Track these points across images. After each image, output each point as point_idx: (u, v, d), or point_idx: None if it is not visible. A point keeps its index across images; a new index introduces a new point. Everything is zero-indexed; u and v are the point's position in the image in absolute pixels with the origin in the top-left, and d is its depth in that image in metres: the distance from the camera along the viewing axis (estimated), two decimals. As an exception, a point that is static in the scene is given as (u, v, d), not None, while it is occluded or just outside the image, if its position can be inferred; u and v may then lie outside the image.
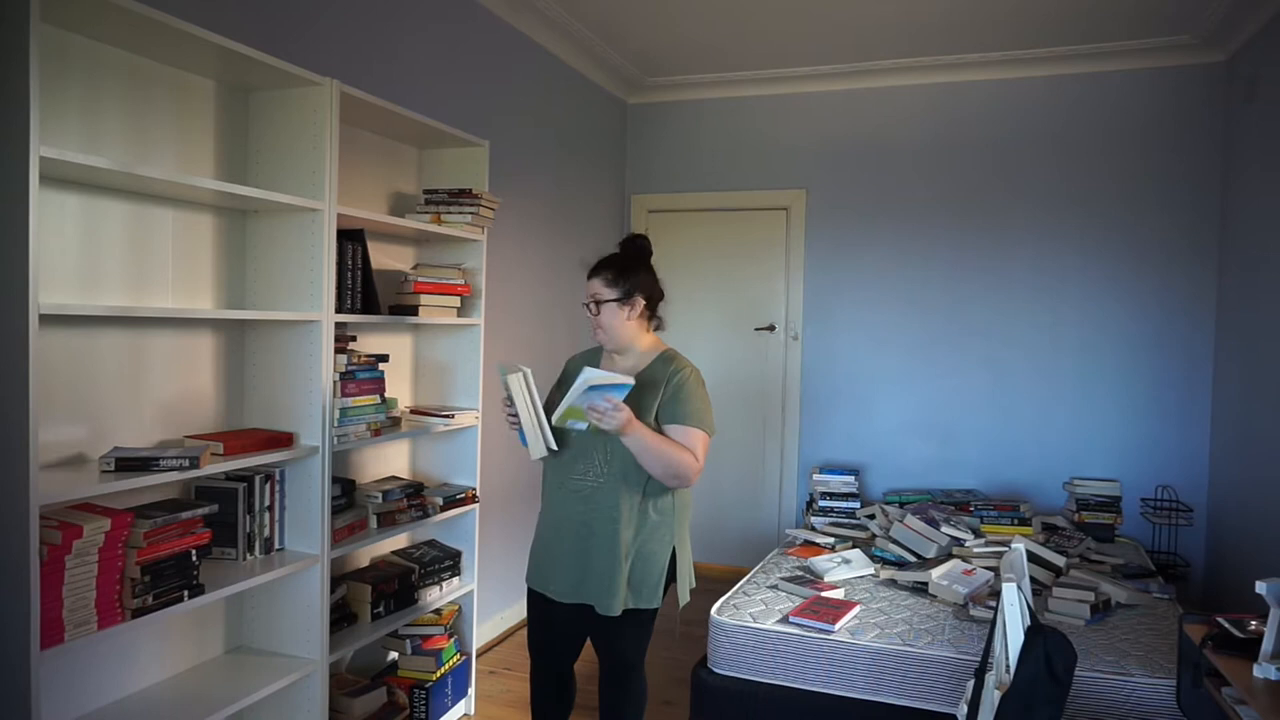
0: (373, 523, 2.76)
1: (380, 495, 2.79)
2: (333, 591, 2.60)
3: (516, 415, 2.26)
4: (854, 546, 3.83)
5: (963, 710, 2.15)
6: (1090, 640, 2.76)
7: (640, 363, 2.39)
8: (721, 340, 5.22)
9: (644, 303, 2.37)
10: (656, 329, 2.51)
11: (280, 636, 2.52)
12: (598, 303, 2.36)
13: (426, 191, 3.11)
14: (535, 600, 2.47)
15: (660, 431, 2.28)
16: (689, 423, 2.29)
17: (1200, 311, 4.37)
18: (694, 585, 2.52)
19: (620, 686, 2.43)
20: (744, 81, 5.06)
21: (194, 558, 2.07)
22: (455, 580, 3.16)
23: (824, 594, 3.14)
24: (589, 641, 2.46)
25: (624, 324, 2.36)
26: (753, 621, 2.92)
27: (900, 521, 3.79)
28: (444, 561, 3.10)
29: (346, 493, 2.75)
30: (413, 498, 2.91)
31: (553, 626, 2.45)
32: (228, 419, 2.52)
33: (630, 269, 2.37)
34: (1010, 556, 2.09)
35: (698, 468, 2.26)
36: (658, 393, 2.31)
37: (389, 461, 3.18)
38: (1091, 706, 2.53)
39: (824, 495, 4.47)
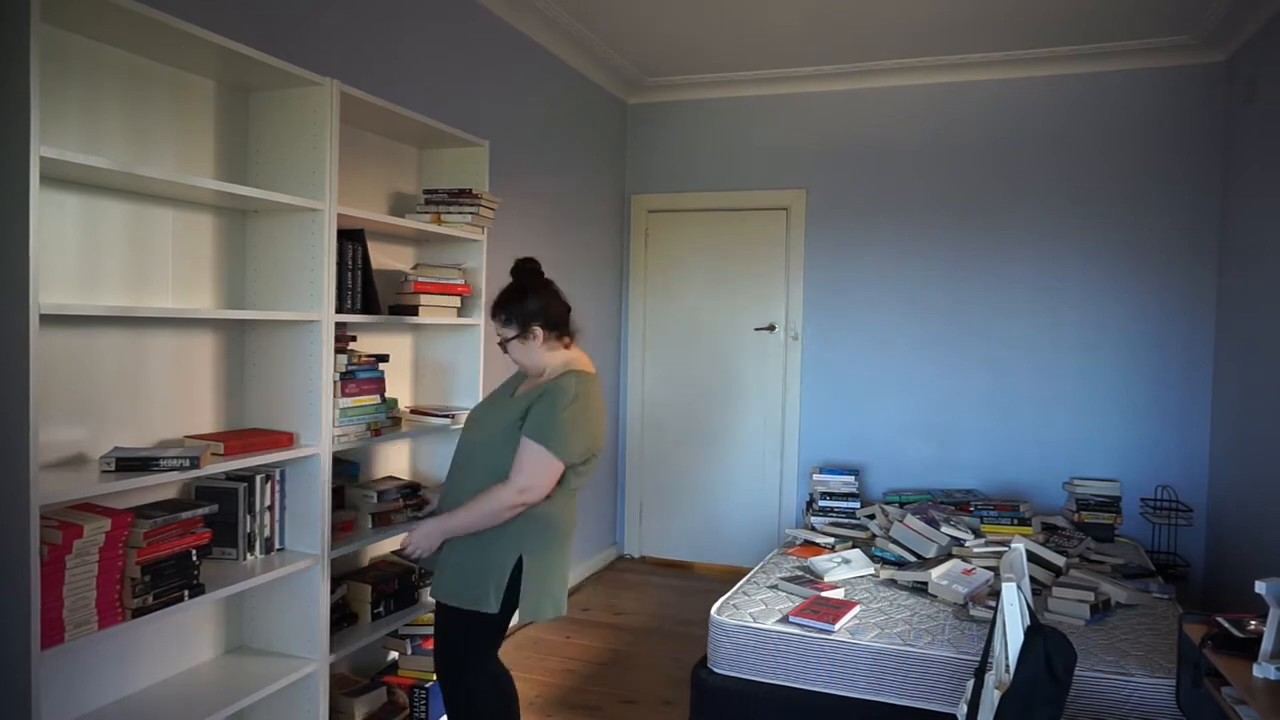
0: (367, 522, 2.76)
1: (375, 495, 2.79)
2: (333, 591, 2.60)
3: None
4: (854, 546, 3.83)
5: (963, 710, 2.16)
6: (1090, 640, 2.76)
7: (548, 377, 2.41)
8: (721, 340, 5.22)
9: (542, 330, 2.40)
10: (568, 345, 2.49)
11: (280, 636, 2.52)
12: (502, 343, 2.42)
13: (426, 191, 3.11)
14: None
15: None
16: (528, 434, 2.27)
17: (1200, 311, 4.37)
18: (558, 612, 2.41)
19: (443, 686, 2.43)
20: (744, 81, 5.06)
21: (194, 558, 2.07)
22: (455, 580, 3.15)
23: (824, 594, 3.14)
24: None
25: (532, 353, 2.41)
26: (753, 621, 2.92)
27: (900, 521, 3.79)
28: (444, 561, 3.10)
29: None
30: (409, 498, 2.91)
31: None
32: (228, 419, 2.52)
33: (518, 301, 2.40)
34: (1010, 556, 2.09)
35: (517, 488, 2.23)
36: (531, 403, 2.32)
37: (389, 461, 3.18)
38: (1091, 706, 2.53)
39: (824, 495, 4.47)
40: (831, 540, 3.92)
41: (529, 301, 2.40)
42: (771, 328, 5.13)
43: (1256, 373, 3.76)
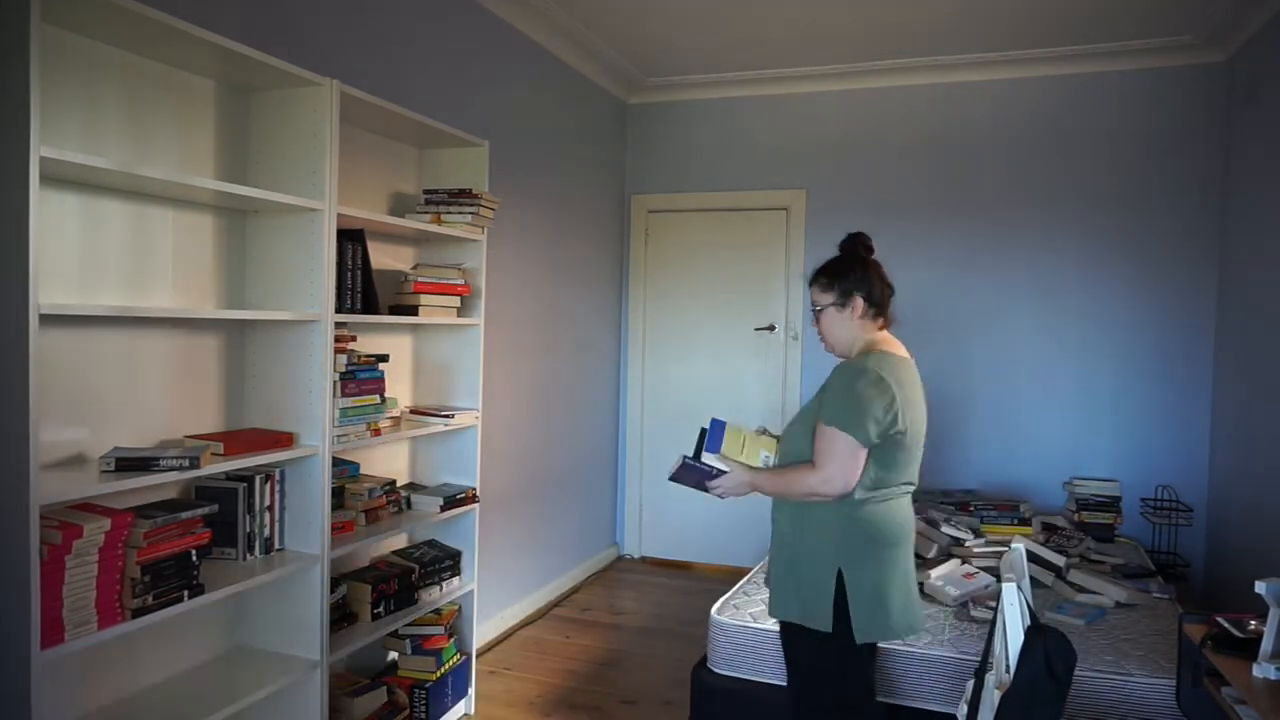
0: (361, 520, 2.77)
1: (365, 493, 2.81)
2: (333, 591, 2.60)
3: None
4: (854, 546, 3.82)
5: (963, 710, 2.15)
6: (1090, 640, 2.76)
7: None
8: (721, 340, 5.22)
9: (862, 303, 2.26)
10: (883, 328, 2.34)
11: (280, 636, 2.52)
12: (817, 311, 2.31)
13: (426, 191, 3.11)
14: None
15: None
16: (824, 420, 2.11)
17: (1200, 311, 4.37)
18: (910, 631, 2.20)
19: (794, 703, 2.28)
20: (744, 82, 5.06)
21: (194, 558, 2.07)
22: (455, 580, 3.16)
23: (824, 594, 3.13)
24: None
25: (845, 326, 2.28)
26: (753, 621, 2.92)
27: (900, 521, 3.78)
28: (444, 561, 3.10)
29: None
30: (390, 494, 2.92)
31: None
32: (228, 419, 2.52)
33: (844, 269, 2.31)
34: (1010, 556, 2.09)
35: (819, 479, 2.08)
36: (825, 389, 2.22)
37: (389, 462, 3.18)
38: (1091, 706, 2.53)
39: (824, 495, 4.47)
40: (831, 540, 3.91)
41: (855, 272, 2.30)
42: (771, 328, 5.13)
43: (1257, 372, 3.76)
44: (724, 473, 2.22)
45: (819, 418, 2.13)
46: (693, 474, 2.25)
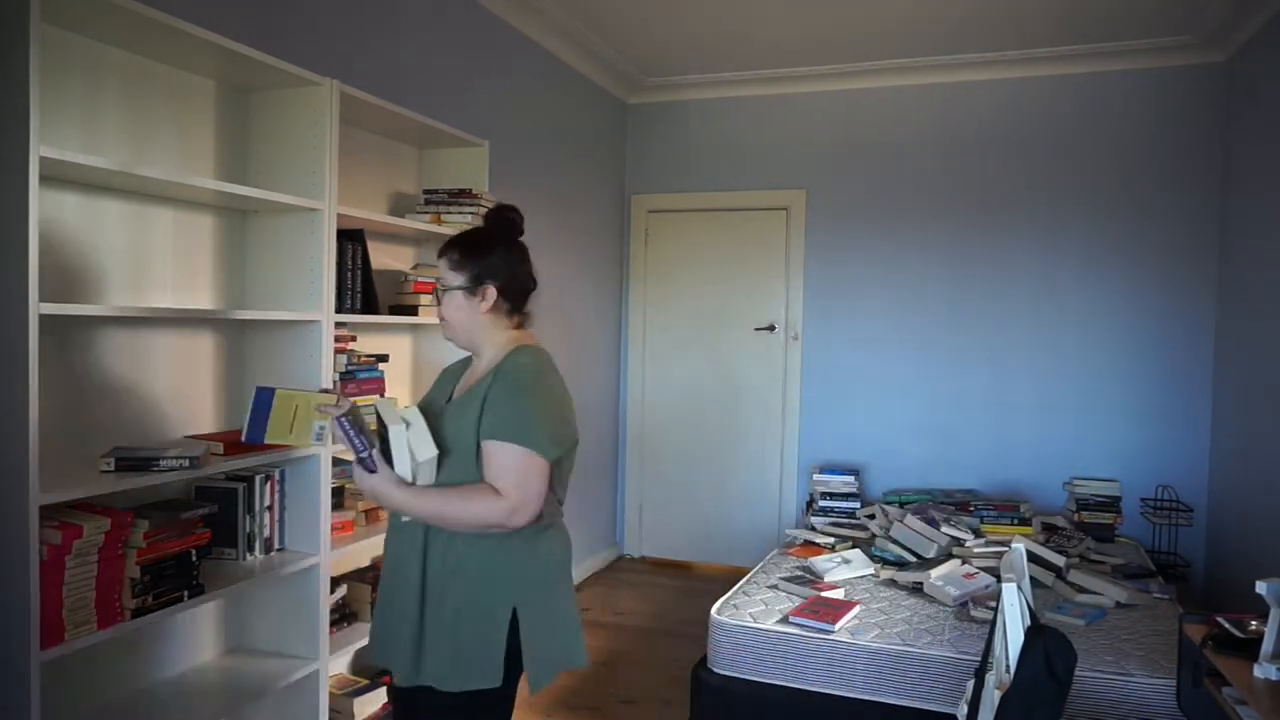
0: (361, 521, 2.77)
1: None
2: (332, 591, 2.60)
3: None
4: (854, 546, 3.83)
5: (963, 710, 2.15)
6: (1090, 640, 2.76)
7: (491, 363, 1.83)
8: (721, 340, 5.22)
9: (496, 292, 1.82)
10: (518, 326, 1.91)
11: (280, 636, 2.52)
12: (440, 291, 1.84)
13: (426, 191, 3.11)
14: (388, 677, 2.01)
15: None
16: (506, 437, 1.68)
17: (1200, 311, 4.37)
18: (576, 663, 1.86)
19: None
20: (744, 81, 5.06)
21: (194, 558, 2.07)
22: (455, 580, 3.16)
23: (824, 594, 3.14)
24: None
25: (470, 316, 1.83)
26: (753, 621, 2.91)
27: (900, 521, 3.79)
28: (444, 561, 3.10)
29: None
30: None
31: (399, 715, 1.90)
32: (228, 419, 2.52)
33: (482, 249, 1.83)
34: (1010, 556, 2.09)
35: (507, 507, 1.66)
36: (483, 399, 1.74)
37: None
38: (1091, 706, 2.53)
39: (824, 495, 4.47)
40: (831, 540, 3.92)
41: (495, 255, 1.83)
42: (771, 328, 5.13)
43: (1257, 372, 3.76)
44: (401, 430, 1.68)
45: (486, 433, 1.70)
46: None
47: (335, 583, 2.67)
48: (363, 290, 2.71)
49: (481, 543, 1.72)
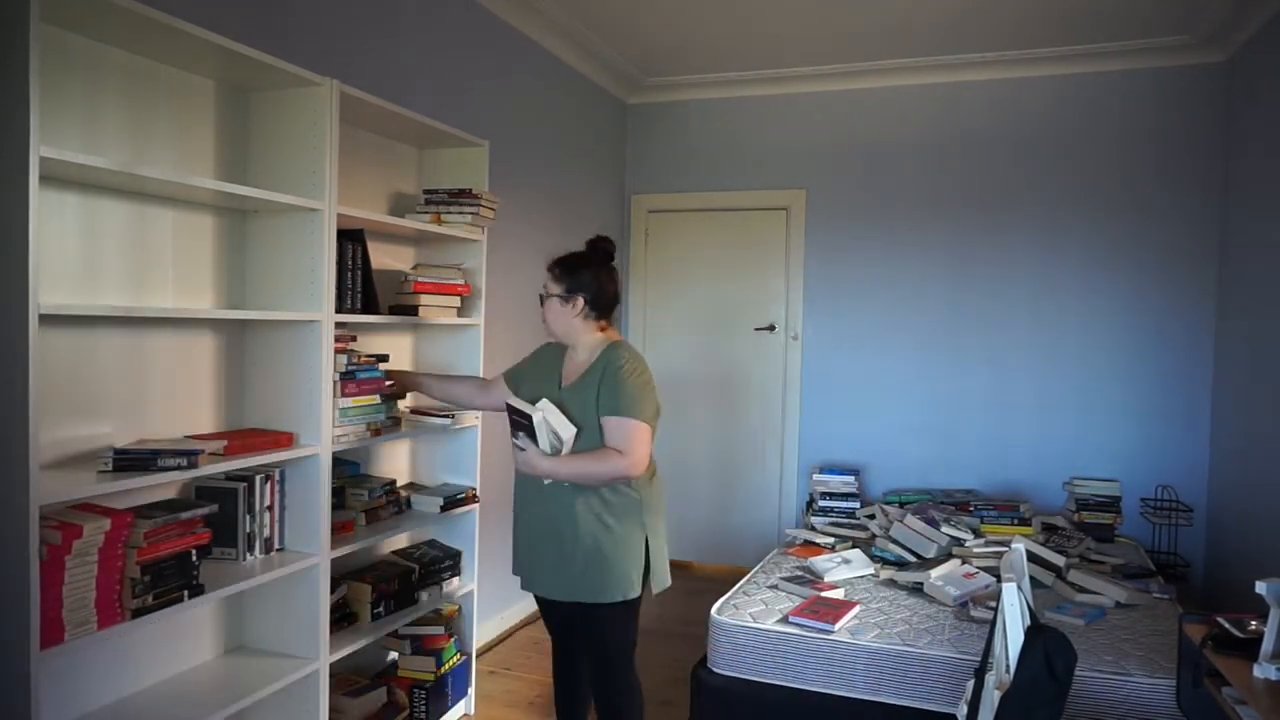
0: (361, 520, 2.77)
1: (365, 493, 2.81)
2: (333, 591, 2.60)
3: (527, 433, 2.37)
4: (854, 546, 3.83)
5: (963, 710, 2.15)
6: (1090, 640, 2.76)
7: (590, 357, 2.47)
8: (721, 340, 5.22)
9: (584, 303, 2.44)
10: (604, 329, 2.53)
11: (280, 636, 2.52)
12: (544, 297, 2.49)
13: (426, 191, 3.11)
14: (536, 598, 2.58)
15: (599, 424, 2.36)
16: (622, 413, 2.33)
17: (1200, 311, 4.38)
18: (668, 584, 2.53)
19: (603, 680, 2.50)
20: (744, 81, 5.06)
21: (194, 558, 2.07)
22: (455, 580, 3.16)
23: (824, 594, 3.14)
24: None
25: (565, 320, 2.46)
26: (753, 621, 2.92)
27: (900, 521, 3.79)
28: (444, 561, 3.10)
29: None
30: (390, 494, 2.93)
31: (551, 623, 2.63)
32: (228, 419, 2.52)
33: (579, 267, 2.47)
34: (1010, 556, 2.09)
35: (630, 463, 2.31)
36: (596, 385, 2.37)
37: (389, 462, 3.18)
38: (1091, 706, 2.53)
39: (824, 495, 4.47)
40: (831, 540, 3.92)
41: (587, 272, 2.46)
42: (771, 328, 5.13)
43: (1257, 372, 3.76)
44: (573, 433, 2.33)
45: (605, 410, 2.33)
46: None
47: (335, 583, 2.67)
48: (363, 290, 2.71)
49: (617, 491, 2.37)
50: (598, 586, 2.37)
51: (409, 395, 3.09)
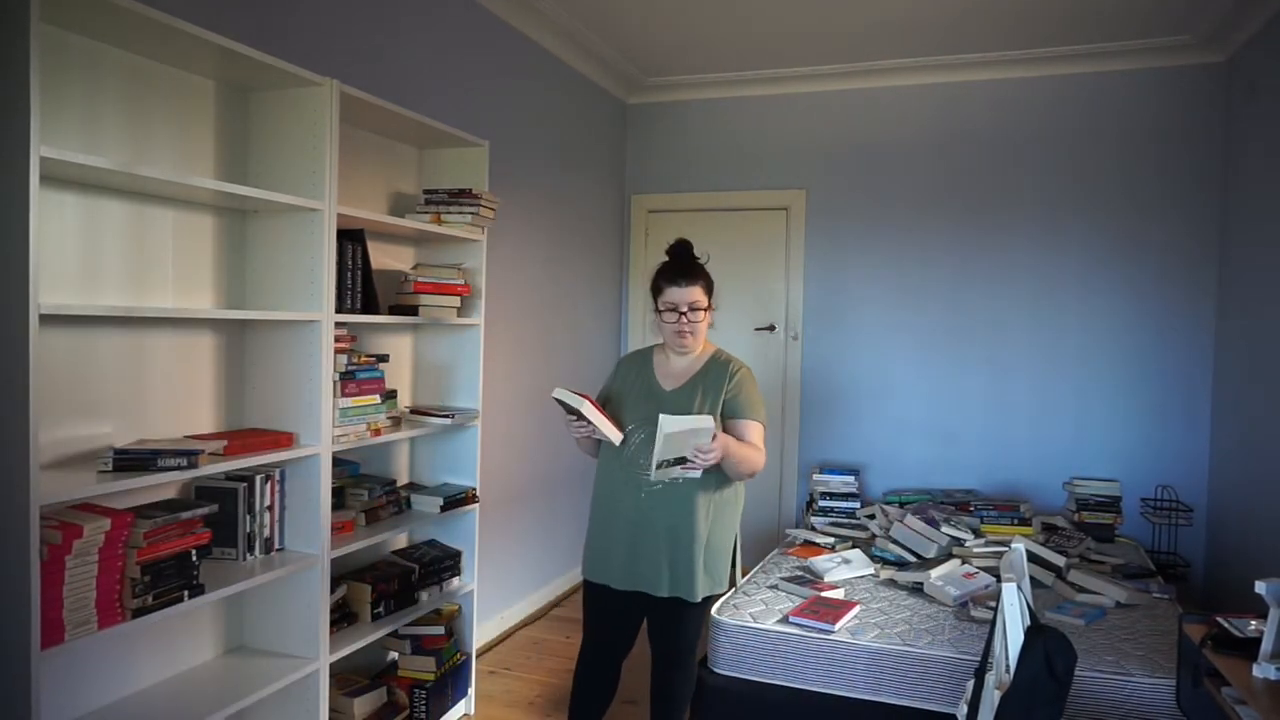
0: (361, 521, 2.77)
1: (365, 493, 2.81)
2: (333, 591, 2.60)
3: (586, 424, 2.38)
4: (854, 546, 3.83)
5: (963, 710, 2.15)
6: (1090, 640, 2.76)
7: (695, 363, 2.53)
8: (721, 340, 5.10)
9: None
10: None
11: (280, 636, 2.52)
12: (695, 310, 2.47)
13: (426, 191, 3.11)
14: (596, 592, 2.58)
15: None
16: (751, 416, 2.46)
17: (1201, 311, 4.37)
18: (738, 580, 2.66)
19: (672, 671, 2.54)
20: (744, 81, 5.06)
21: (194, 558, 2.07)
22: (455, 580, 3.16)
23: (824, 594, 3.14)
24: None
25: (705, 329, 2.54)
26: (753, 621, 2.92)
27: (900, 521, 3.79)
28: (444, 561, 3.10)
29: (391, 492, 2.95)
30: (390, 494, 2.93)
31: (610, 619, 2.59)
32: (228, 419, 2.52)
33: (708, 277, 2.54)
34: (1010, 556, 2.09)
35: (764, 461, 2.48)
36: (720, 390, 2.46)
37: (389, 462, 3.18)
38: (1091, 706, 2.53)
39: (824, 495, 4.47)
40: (831, 540, 3.92)
41: (711, 280, 2.55)
42: (771, 328, 5.13)
43: (1257, 372, 3.76)
44: (710, 430, 2.30)
45: (741, 413, 2.45)
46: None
47: (335, 583, 2.67)
48: (363, 290, 2.71)
49: (728, 488, 2.49)
50: (703, 582, 2.43)
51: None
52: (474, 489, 3.21)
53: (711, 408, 2.44)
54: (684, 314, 2.46)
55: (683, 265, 2.52)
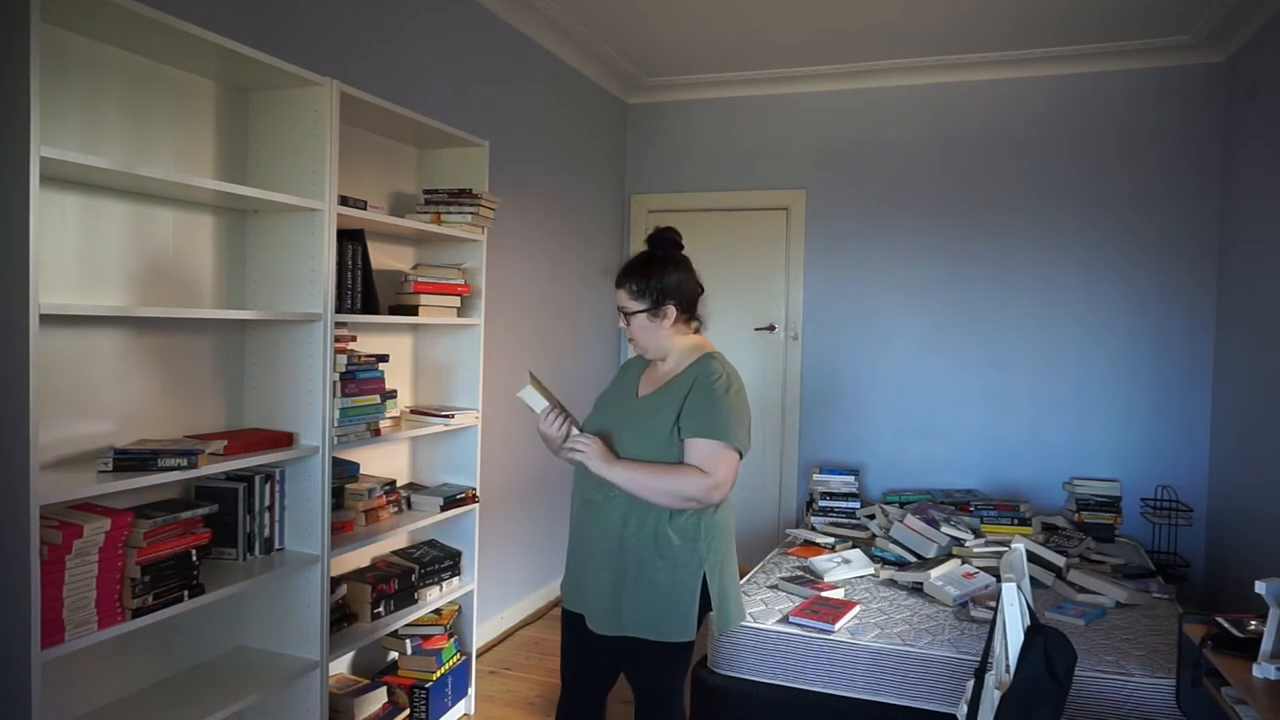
0: (361, 521, 2.77)
1: (365, 493, 2.81)
2: (333, 591, 2.60)
3: (564, 417, 2.16)
4: (854, 546, 3.83)
5: (963, 710, 2.15)
6: (1090, 640, 2.76)
7: (677, 366, 2.16)
8: (721, 340, 5.11)
9: (674, 310, 2.15)
10: (696, 330, 2.29)
11: (280, 636, 2.52)
12: (626, 315, 2.16)
13: (426, 191, 3.11)
14: (571, 621, 2.22)
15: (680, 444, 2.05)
16: (700, 434, 2.02)
17: (1200, 311, 4.37)
18: (744, 618, 2.31)
19: (660, 712, 2.16)
20: (744, 82, 5.06)
21: (194, 558, 2.07)
22: (455, 580, 3.16)
23: (824, 594, 3.14)
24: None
25: (657, 334, 2.15)
26: (753, 621, 2.91)
27: (900, 521, 3.79)
28: (444, 561, 3.10)
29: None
30: (390, 494, 2.93)
31: (586, 651, 2.21)
32: (228, 419, 2.52)
33: (655, 273, 2.15)
34: (1010, 556, 2.09)
35: (710, 485, 2.00)
36: (678, 402, 2.06)
37: (389, 462, 3.18)
38: (1091, 706, 2.53)
39: (824, 495, 4.47)
40: (831, 540, 3.92)
41: (667, 275, 2.15)
42: (771, 328, 5.13)
43: (1257, 372, 3.76)
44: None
45: (692, 430, 2.03)
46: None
47: (335, 583, 2.67)
48: (363, 290, 2.71)
49: (678, 518, 2.04)
50: (645, 623, 2.04)
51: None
52: (474, 489, 3.21)
53: (664, 421, 2.05)
54: (627, 317, 2.16)
55: (630, 263, 2.21)
